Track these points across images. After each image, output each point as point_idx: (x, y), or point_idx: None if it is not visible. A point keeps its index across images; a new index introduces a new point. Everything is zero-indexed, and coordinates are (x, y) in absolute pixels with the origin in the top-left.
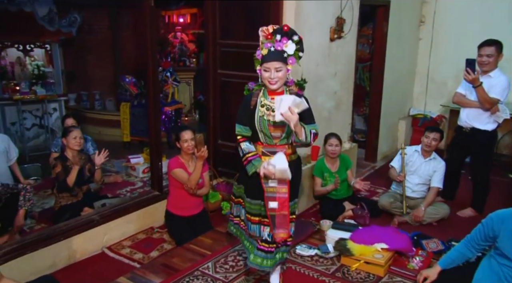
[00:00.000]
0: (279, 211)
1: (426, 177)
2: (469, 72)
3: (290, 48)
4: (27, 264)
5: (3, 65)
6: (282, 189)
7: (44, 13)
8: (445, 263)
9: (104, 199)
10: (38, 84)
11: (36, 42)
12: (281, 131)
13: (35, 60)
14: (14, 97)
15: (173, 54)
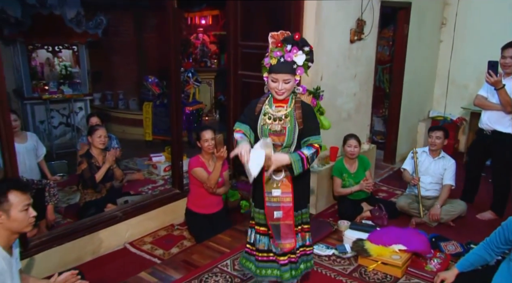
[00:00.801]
0: (283, 221)
1: (437, 176)
2: (491, 74)
3: (299, 58)
4: (54, 257)
5: (33, 65)
6: (286, 198)
7: (72, 15)
8: (463, 266)
9: (126, 196)
10: (66, 84)
11: (64, 43)
12: (282, 140)
13: (63, 61)
14: (43, 97)
15: (195, 55)
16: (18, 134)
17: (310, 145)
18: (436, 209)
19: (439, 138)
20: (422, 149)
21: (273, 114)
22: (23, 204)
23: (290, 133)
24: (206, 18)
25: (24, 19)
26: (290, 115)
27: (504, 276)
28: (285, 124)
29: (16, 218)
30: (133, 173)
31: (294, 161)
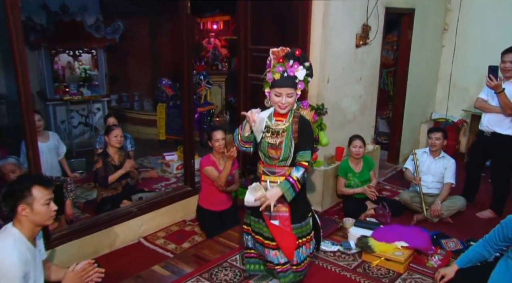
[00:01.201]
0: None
1: (438, 175)
2: (492, 79)
3: (300, 73)
4: (73, 249)
5: (55, 69)
6: (282, 207)
7: (92, 22)
8: (463, 262)
9: (141, 193)
10: (85, 86)
11: (84, 48)
12: (279, 154)
13: (82, 65)
14: (64, 98)
15: (207, 59)
16: (41, 133)
17: (299, 165)
18: (437, 205)
19: (438, 139)
20: (422, 149)
21: (272, 128)
22: (45, 199)
23: (286, 147)
24: (217, 23)
25: (48, 26)
26: (287, 129)
27: (501, 272)
28: (282, 138)
29: (39, 211)
30: (147, 171)
31: (285, 191)
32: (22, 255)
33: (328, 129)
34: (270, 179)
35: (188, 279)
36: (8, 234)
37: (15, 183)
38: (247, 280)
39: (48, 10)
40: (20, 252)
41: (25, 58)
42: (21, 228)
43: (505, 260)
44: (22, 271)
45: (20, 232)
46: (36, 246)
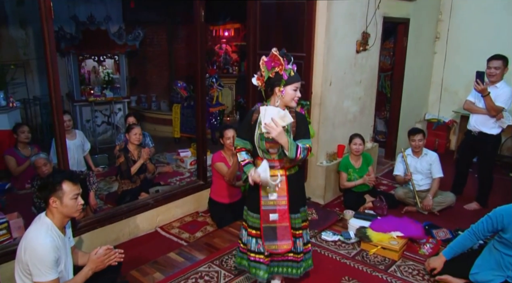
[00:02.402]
0: (279, 223)
1: (425, 172)
2: (479, 83)
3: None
4: (97, 237)
5: (82, 73)
6: (282, 201)
7: (115, 30)
8: (450, 254)
9: (157, 186)
10: (108, 88)
11: (108, 54)
12: (277, 147)
13: (106, 69)
14: (89, 99)
15: (218, 63)
16: (69, 132)
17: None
18: (429, 200)
19: (421, 140)
20: (407, 152)
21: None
22: (73, 193)
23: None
24: (229, 30)
25: (77, 34)
26: (288, 125)
27: (485, 259)
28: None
29: (67, 204)
30: (163, 166)
31: (290, 144)
32: (54, 242)
33: (329, 128)
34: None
35: (201, 265)
36: (42, 223)
37: (49, 177)
38: None
39: (77, 20)
40: (53, 239)
41: (56, 64)
42: (52, 218)
43: (490, 248)
44: (55, 256)
45: (52, 222)
46: (65, 235)
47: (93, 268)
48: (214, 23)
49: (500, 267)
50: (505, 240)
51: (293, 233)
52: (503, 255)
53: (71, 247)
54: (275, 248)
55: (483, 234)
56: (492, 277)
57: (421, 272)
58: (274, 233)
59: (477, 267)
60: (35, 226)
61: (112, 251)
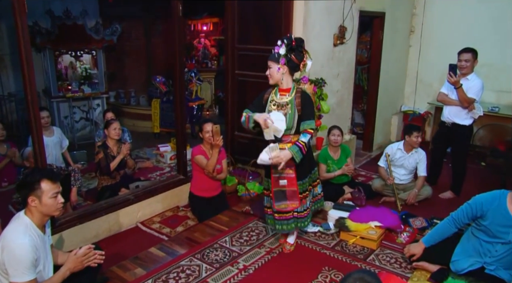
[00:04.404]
0: (288, 188)
1: (410, 168)
2: (451, 75)
3: (282, 50)
4: (76, 234)
5: (59, 68)
6: (289, 171)
7: (92, 25)
8: (429, 242)
9: (137, 181)
10: (85, 84)
11: (85, 49)
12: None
13: (83, 64)
14: (66, 95)
15: (197, 57)
16: (47, 128)
17: (305, 132)
18: (414, 194)
19: (418, 137)
20: (396, 146)
21: (277, 102)
22: (53, 192)
23: (290, 118)
24: (207, 24)
25: (53, 29)
26: (290, 102)
27: (464, 247)
28: (286, 110)
29: (46, 203)
30: (143, 161)
31: (294, 153)
32: (33, 241)
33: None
34: (279, 146)
35: (182, 259)
36: (20, 222)
37: (27, 175)
38: (235, 260)
39: (52, 15)
40: (32, 239)
41: (31, 59)
42: (31, 216)
43: (468, 235)
44: (33, 256)
45: (31, 220)
46: (45, 233)
47: (71, 268)
48: (192, 17)
49: (478, 253)
50: (484, 227)
51: (301, 196)
52: (482, 241)
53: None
54: (285, 207)
55: (463, 222)
56: (470, 263)
57: (398, 260)
58: (284, 195)
59: (457, 255)
60: (14, 225)
61: (92, 251)
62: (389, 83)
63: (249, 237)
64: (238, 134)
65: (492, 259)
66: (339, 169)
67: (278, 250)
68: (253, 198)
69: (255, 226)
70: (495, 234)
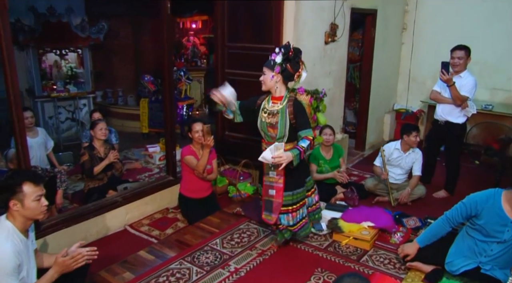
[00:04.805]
0: (275, 198)
1: (407, 168)
2: (444, 73)
3: (278, 58)
4: (62, 237)
5: (43, 67)
6: (279, 180)
7: (77, 22)
8: (424, 241)
9: (125, 183)
10: (71, 83)
11: (70, 47)
12: (275, 133)
13: (69, 63)
14: (51, 95)
15: (186, 56)
16: (31, 129)
17: (305, 138)
18: (407, 193)
19: (418, 136)
20: (393, 145)
21: (268, 109)
22: (35, 195)
23: (281, 126)
24: (196, 22)
25: (36, 27)
26: (281, 111)
27: (459, 247)
28: (277, 118)
29: (29, 207)
30: (131, 162)
31: (294, 156)
32: (16, 247)
33: None
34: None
35: (172, 262)
36: (1, 227)
37: (7, 178)
38: (227, 262)
39: (36, 12)
40: (14, 244)
41: (13, 58)
42: (13, 221)
43: (463, 234)
44: (15, 262)
45: (13, 225)
46: (28, 238)
47: (59, 271)
48: (181, 15)
49: (473, 253)
50: (479, 227)
51: (281, 210)
52: (477, 241)
53: (34, 250)
54: (270, 219)
55: (457, 221)
56: (465, 263)
57: (392, 260)
58: (271, 206)
59: (452, 255)
60: None
61: (80, 255)
62: (382, 81)
63: (240, 239)
64: (229, 134)
65: (487, 258)
66: (332, 170)
67: (270, 252)
68: (244, 199)
69: (247, 228)
70: (490, 233)
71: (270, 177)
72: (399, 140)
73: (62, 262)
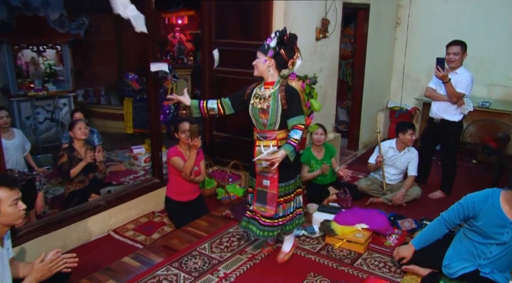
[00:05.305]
0: (270, 189)
1: (402, 168)
2: (439, 70)
3: (272, 42)
4: (41, 245)
5: (19, 65)
6: (273, 170)
7: (56, 17)
8: (419, 244)
9: (109, 186)
10: (50, 82)
11: (48, 43)
12: (267, 118)
13: (47, 60)
14: (28, 94)
15: (172, 53)
16: (6, 130)
17: (296, 128)
18: (401, 194)
19: (414, 135)
20: (388, 144)
21: (260, 94)
22: (11, 199)
23: (273, 111)
24: (182, 18)
25: (9, 21)
26: (273, 95)
27: (456, 249)
28: (269, 103)
29: (6, 212)
30: (115, 164)
31: (289, 152)
32: None
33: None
34: (263, 143)
35: (158, 269)
36: None
37: None
38: (215, 267)
39: (9, 4)
40: None
41: None
42: None
43: (460, 236)
44: None
45: None
46: (3, 246)
47: (37, 277)
48: (166, 10)
49: (472, 255)
50: (477, 228)
51: (279, 201)
52: (476, 243)
53: (9, 259)
54: (264, 211)
55: (454, 222)
56: (463, 266)
57: (387, 264)
58: (264, 197)
59: (449, 258)
60: None
61: (60, 257)
62: (375, 78)
63: (229, 243)
64: (217, 134)
65: (486, 261)
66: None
67: (260, 256)
68: (234, 201)
69: (236, 231)
70: (489, 235)
71: (264, 167)
72: (394, 139)
73: (41, 267)
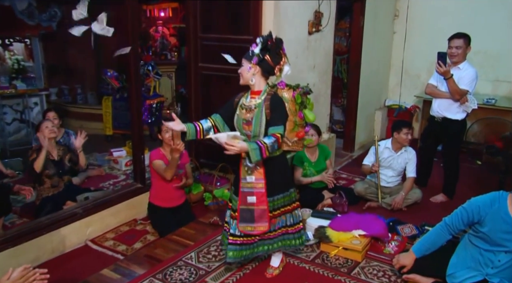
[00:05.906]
0: (257, 206)
1: (399, 169)
2: (441, 65)
3: (256, 49)
4: (9, 259)
5: None
6: (259, 184)
7: (23, 7)
8: (421, 251)
9: (86, 192)
10: (18, 79)
11: (15, 36)
12: (251, 128)
13: (14, 55)
14: None
15: (155, 48)
16: None
17: (271, 135)
18: (401, 197)
19: (410, 134)
20: (384, 144)
21: (246, 105)
22: None
23: (256, 122)
24: (165, 10)
25: None
26: (258, 106)
27: (461, 256)
28: (253, 114)
29: None
30: (93, 169)
31: (251, 149)
32: None
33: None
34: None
35: (141, 281)
36: None
37: None
38: (203, 278)
39: None
40: None
41: None
42: None
43: (465, 243)
44: None
45: None
46: None
47: None
48: (147, 1)
49: (478, 264)
50: (483, 234)
51: (271, 215)
52: (482, 250)
53: None
54: (251, 230)
55: (458, 228)
56: (469, 275)
57: (387, 273)
58: (251, 215)
59: (453, 266)
60: None
61: (31, 272)
62: (372, 75)
63: (218, 251)
64: None
65: (495, 270)
66: (318, 174)
67: (251, 266)
68: (222, 207)
69: None
70: (497, 242)
71: (248, 183)
72: (390, 139)
73: None
